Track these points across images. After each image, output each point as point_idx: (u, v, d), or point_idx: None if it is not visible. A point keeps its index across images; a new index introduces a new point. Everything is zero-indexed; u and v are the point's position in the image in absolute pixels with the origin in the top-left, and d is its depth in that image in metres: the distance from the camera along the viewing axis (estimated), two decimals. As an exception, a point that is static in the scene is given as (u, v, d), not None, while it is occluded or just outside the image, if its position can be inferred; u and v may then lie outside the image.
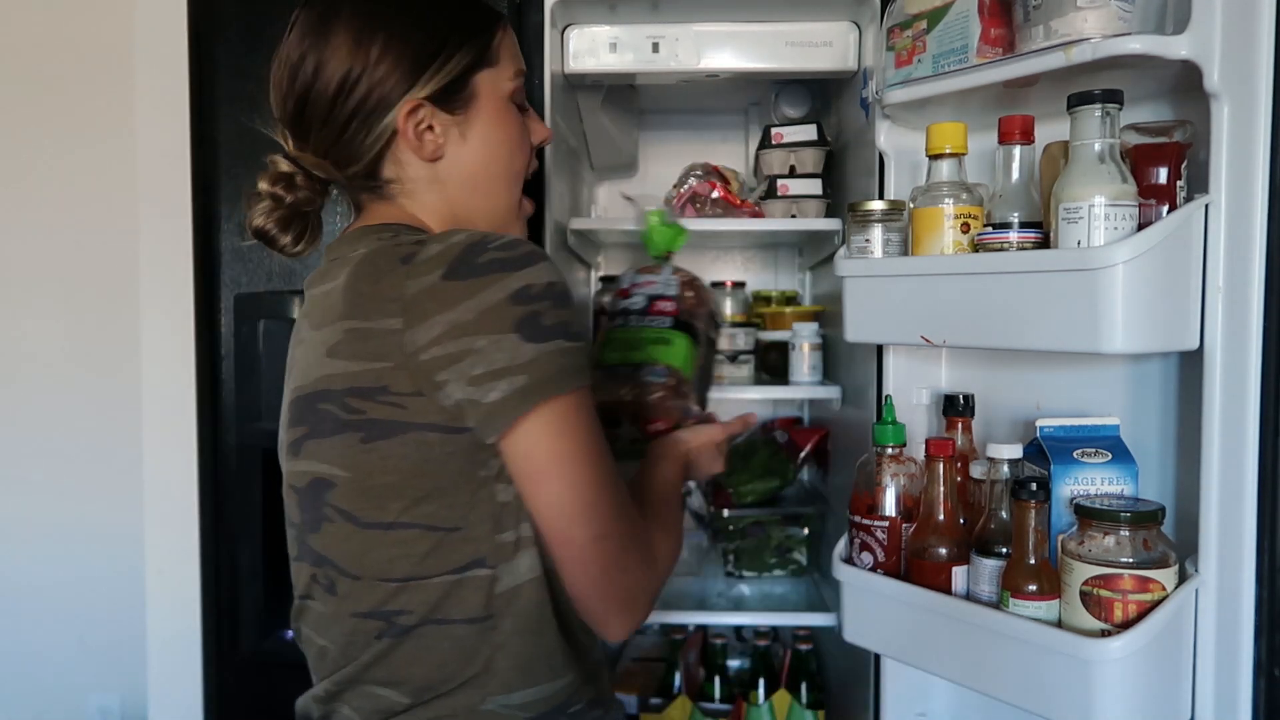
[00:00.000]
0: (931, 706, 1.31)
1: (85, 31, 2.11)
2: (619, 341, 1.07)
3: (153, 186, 1.49)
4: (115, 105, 2.07)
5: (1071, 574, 0.92)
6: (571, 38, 1.49)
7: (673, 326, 1.07)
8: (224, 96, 1.44)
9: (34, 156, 2.13)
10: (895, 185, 1.28)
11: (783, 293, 1.95)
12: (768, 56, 1.49)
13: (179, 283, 1.47)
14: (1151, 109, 1.06)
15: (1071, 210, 0.92)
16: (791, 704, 1.64)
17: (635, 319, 1.09)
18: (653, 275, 1.12)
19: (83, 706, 2.17)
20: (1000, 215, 1.01)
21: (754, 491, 1.78)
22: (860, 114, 1.43)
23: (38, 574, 2.16)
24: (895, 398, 1.19)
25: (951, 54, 1.06)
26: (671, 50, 1.49)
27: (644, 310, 1.09)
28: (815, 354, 1.67)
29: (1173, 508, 1.02)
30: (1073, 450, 0.99)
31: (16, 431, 2.14)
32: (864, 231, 1.13)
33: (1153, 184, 0.95)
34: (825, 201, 1.62)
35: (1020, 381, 1.21)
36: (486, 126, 0.86)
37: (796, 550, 1.77)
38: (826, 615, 1.57)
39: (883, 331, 1.15)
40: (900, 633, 1.09)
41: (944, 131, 1.06)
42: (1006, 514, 0.99)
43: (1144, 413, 1.08)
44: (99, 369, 2.11)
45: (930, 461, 1.05)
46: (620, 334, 1.08)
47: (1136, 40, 0.91)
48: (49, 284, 2.15)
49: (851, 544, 1.14)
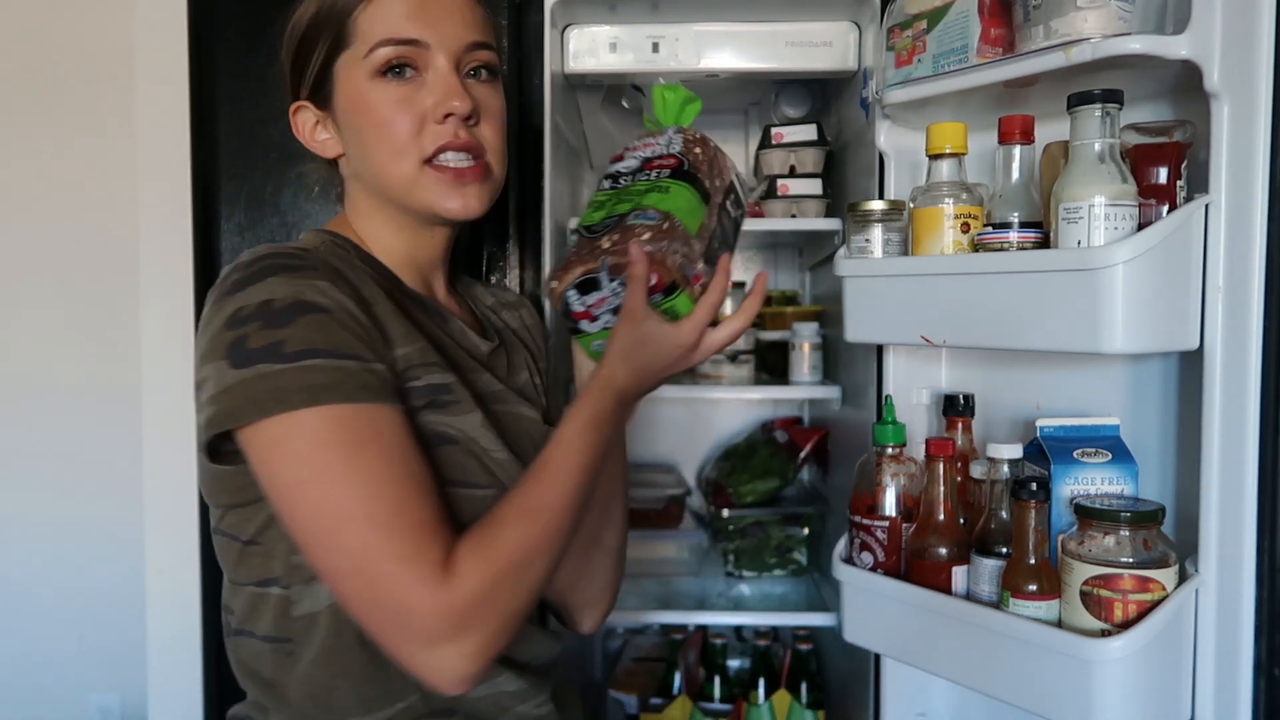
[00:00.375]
0: (931, 706, 1.31)
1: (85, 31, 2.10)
2: (600, 202, 0.91)
3: (153, 186, 1.49)
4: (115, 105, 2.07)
5: (1071, 574, 0.92)
6: (571, 38, 1.49)
7: (672, 176, 0.89)
8: (224, 96, 1.44)
9: (34, 156, 2.13)
10: (895, 185, 1.28)
11: (783, 293, 1.95)
12: (768, 56, 1.49)
13: (179, 283, 1.47)
14: (1151, 109, 1.06)
15: (1071, 210, 0.92)
16: (791, 704, 1.64)
17: (626, 179, 0.92)
18: (651, 138, 0.94)
19: (83, 706, 2.17)
20: (1000, 215, 1.01)
21: (754, 491, 1.78)
22: (860, 114, 1.43)
23: (38, 574, 2.16)
24: (895, 398, 1.19)
25: (951, 54, 1.06)
26: (671, 50, 1.48)
27: (637, 169, 0.92)
28: (815, 354, 1.67)
29: (1173, 508, 1.02)
30: (1073, 450, 0.99)
31: (16, 431, 2.14)
32: (864, 231, 1.13)
33: (1153, 184, 0.95)
34: (825, 201, 1.62)
35: (1020, 381, 1.21)
36: (348, 111, 0.85)
37: (796, 550, 1.77)
38: (826, 615, 1.57)
39: (883, 331, 1.15)
40: (900, 633, 1.09)
41: (944, 131, 1.06)
42: (1006, 514, 0.99)
43: (1144, 413, 1.08)
44: (99, 368, 2.11)
45: (930, 461, 1.05)
46: (602, 195, 0.92)
47: (1136, 40, 0.91)
48: (49, 284, 2.14)
49: (851, 544, 1.14)
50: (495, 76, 0.89)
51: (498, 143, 0.88)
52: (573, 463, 0.78)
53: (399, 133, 0.82)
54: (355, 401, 0.71)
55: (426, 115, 0.83)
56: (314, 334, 0.71)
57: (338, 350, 0.72)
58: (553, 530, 0.76)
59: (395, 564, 0.69)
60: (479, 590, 0.70)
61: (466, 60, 0.85)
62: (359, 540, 0.69)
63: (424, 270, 0.92)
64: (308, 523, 0.70)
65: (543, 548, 0.75)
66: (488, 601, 0.71)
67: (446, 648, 0.69)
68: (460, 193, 0.84)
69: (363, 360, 0.73)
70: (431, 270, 0.93)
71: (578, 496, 0.78)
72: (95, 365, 2.12)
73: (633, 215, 0.86)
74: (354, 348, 0.73)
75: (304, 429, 0.70)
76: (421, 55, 0.83)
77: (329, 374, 0.70)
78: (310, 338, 0.71)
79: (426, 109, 0.83)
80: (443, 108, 0.82)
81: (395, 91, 0.82)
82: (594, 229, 0.88)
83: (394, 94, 0.82)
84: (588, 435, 0.79)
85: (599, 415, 0.81)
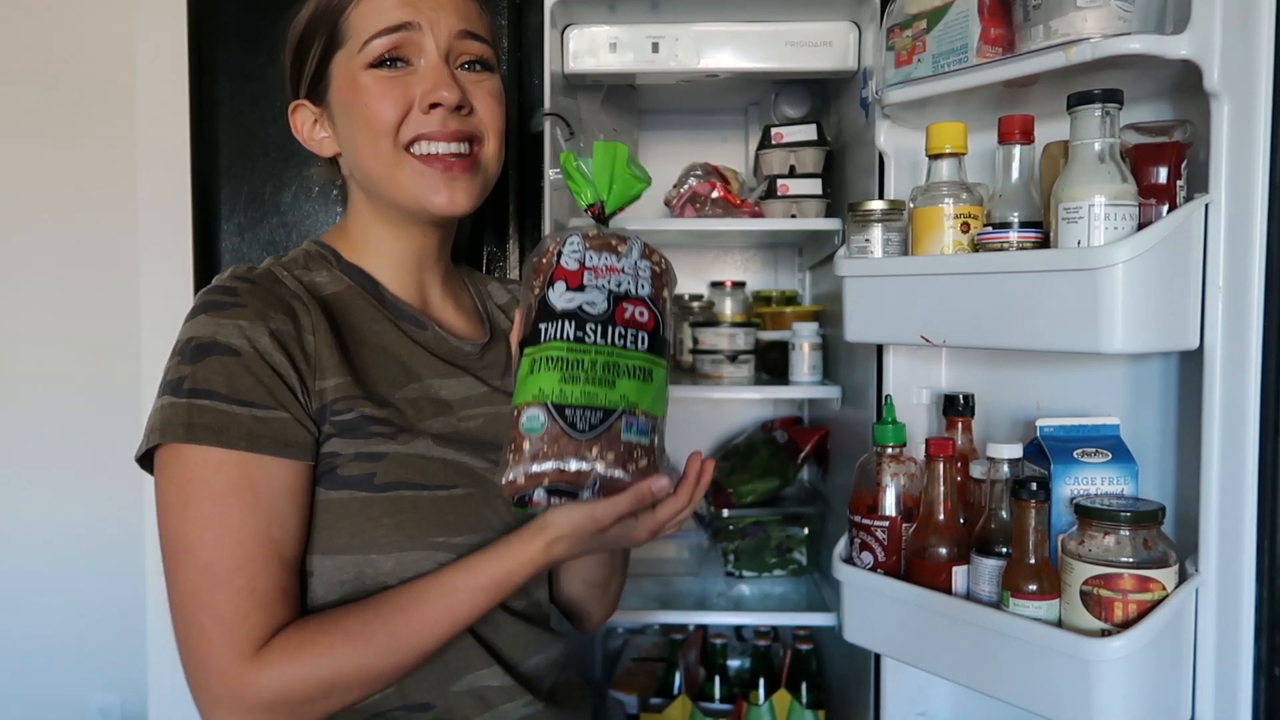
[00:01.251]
0: (931, 706, 1.31)
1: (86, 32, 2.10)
2: (565, 361, 0.72)
3: (153, 187, 1.49)
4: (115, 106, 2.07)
5: (1071, 574, 0.92)
6: (571, 38, 1.49)
7: (650, 349, 0.76)
8: (224, 97, 1.44)
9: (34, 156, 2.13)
10: (895, 185, 1.28)
11: (783, 293, 1.95)
12: (768, 56, 1.49)
13: (179, 283, 1.47)
14: (1151, 109, 1.06)
15: (1071, 210, 0.92)
16: (791, 704, 1.64)
17: (595, 328, 0.74)
18: (612, 256, 0.76)
19: (83, 706, 2.17)
20: (1000, 215, 1.01)
21: (754, 491, 1.78)
22: (860, 114, 1.43)
23: (38, 574, 2.16)
24: (895, 398, 1.19)
25: (951, 54, 1.06)
26: (671, 50, 1.48)
27: (608, 317, 0.74)
28: (815, 354, 1.67)
29: (1173, 508, 1.02)
30: (1073, 450, 0.99)
31: (16, 431, 2.14)
32: (864, 231, 1.13)
33: (1153, 184, 0.95)
34: (825, 201, 1.62)
35: (1020, 381, 1.21)
36: (341, 107, 0.86)
37: (796, 550, 1.77)
38: (826, 615, 1.57)
39: (883, 331, 1.15)
40: (900, 633, 1.09)
41: (944, 131, 1.06)
42: (1006, 514, 0.99)
43: (1144, 413, 1.08)
44: (99, 368, 2.11)
45: (930, 461, 1.05)
46: (563, 349, 0.73)
47: (1136, 40, 0.90)
48: (49, 284, 2.15)
49: (851, 544, 1.14)
50: (491, 71, 0.88)
51: (492, 137, 0.87)
52: (446, 613, 0.76)
53: (383, 118, 0.82)
54: (232, 448, 0.73)
55: (414, 103, 0.83)
56: (214, 376, 0.75)
57: (233, 395, 0.74)
58: (384, 665, 0.75)
59: (211, 621, 0.72)
60: (276, 691, 0.72)
61: (458, 50, 0.85)
62: (190, 583, 0.73)
63: (415, 270, 0.92)
64: (163, 544, 0.75)
65: (365, 677, 0.74)
66: (280, 705, 0.72)
67: (225, 716, 0.72)
68: (448, 186, 0.84)
69: (255, 407, 0.75)
70: (424, 270, 0.92)
71: (432, 642, 0.76)
72: (95, 365, 2.12)
73: (622, 420, 0.72)
74: (252, 394, 0.75)
75: (182, 461, 0.74)
76: (413, 42, 0.83)
77: (215, 416, 0.74)
78: (209, 379, 0.75)
79: (415, 97, 0.83)
80: (430, 96, 0.82)
81: (386, 81, 0.83)
82: (571, 418, 0.71)
83: (384, 83, 0.83)
84: (479, 597, 0.77)
85: (505, 582, 0.77)
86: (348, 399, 0.79)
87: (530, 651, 0.88)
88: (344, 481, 0.78)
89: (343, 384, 0.80)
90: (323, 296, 0.85)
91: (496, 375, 0.92)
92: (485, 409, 0.88)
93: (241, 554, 0.73)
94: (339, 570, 0.78)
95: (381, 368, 0.84)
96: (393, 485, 0.79)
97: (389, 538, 0.78)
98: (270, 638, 0.73)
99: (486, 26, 0.89)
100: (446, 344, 0.90)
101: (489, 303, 1.01)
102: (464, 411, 0.87)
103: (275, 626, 0.73)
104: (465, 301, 0.98)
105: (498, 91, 0.89)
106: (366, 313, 0.86)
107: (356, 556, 0.78)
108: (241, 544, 0.73)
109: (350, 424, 0.79)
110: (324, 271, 0.88)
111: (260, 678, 0.71)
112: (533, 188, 1.39)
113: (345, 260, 0.89)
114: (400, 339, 0.87)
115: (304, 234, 1.45)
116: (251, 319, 0.77)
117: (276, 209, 1.45)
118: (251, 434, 0.74)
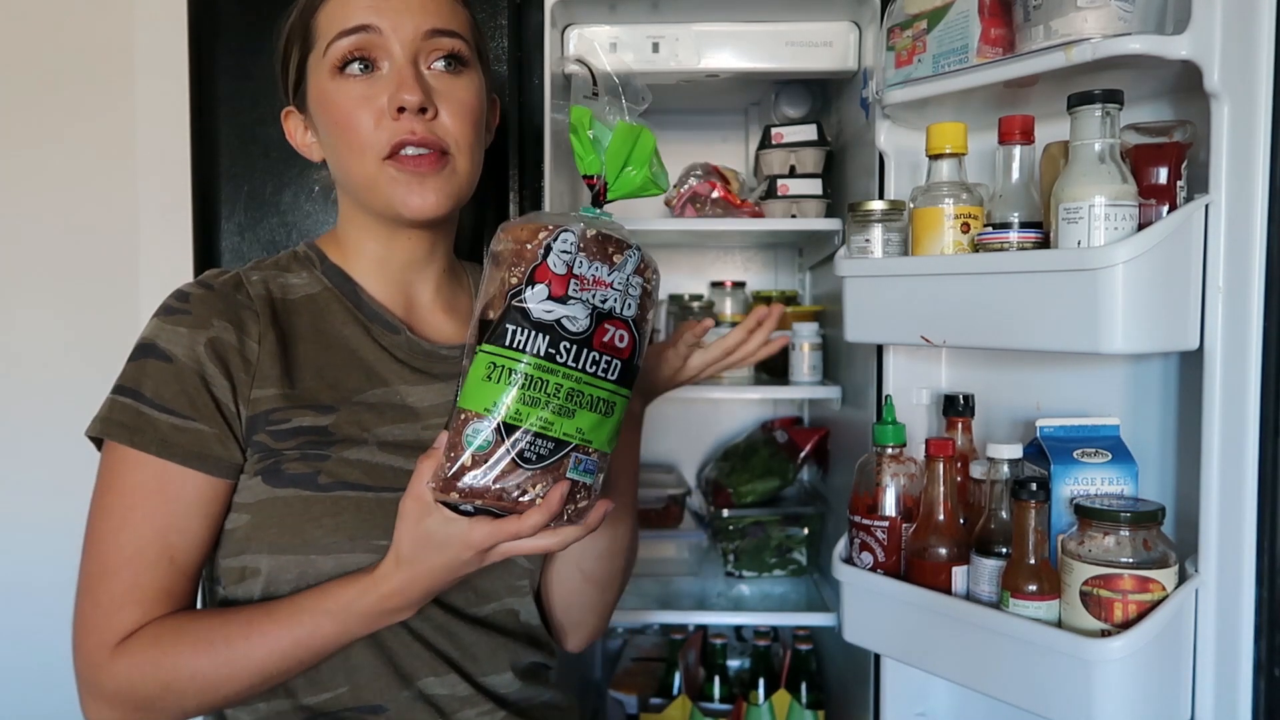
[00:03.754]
0: (931, 706, 1.31)
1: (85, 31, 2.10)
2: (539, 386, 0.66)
3: (153, 186, 1.49)
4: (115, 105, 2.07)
5: (1071, 574, 0.92)
6: (571, 38, 1.49)
7: (619, 379, 0.69)
8: (224, 96, 1.44)
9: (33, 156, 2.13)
10: (895, 185, 1.28)
11: (783, 293, 1.95)
12: (768, 56, 1.49)
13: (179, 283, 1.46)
14: (1151, 109, 1.06)
15: (1071, 210, 0.92)
16: (791, 704, 1.64)
17: (569, 349, 0.67)
18: (605, 267, 0.68)
19: (83, 706, 2.17)
20: (1000, 215, 1.01)
21: (754, 491, 1.78)
22: (860, 114, 1.43)
23: (38, 574, 2.16)
24: (895, 398, 1.19)
25: (951, 54, 1.06)
26: (671, 50, 1.49)
27: (586, 337, 0.67)
28: (815, 354, 1.67)
29: (1173, 508, 1.02)
30: (1073, 450, 0.99)
31: (16, 431, 2.14)
32: (864, 231, 1.13)
33: (1153, 184, 0.95)
34: (825, 201, 1.62)
35: (1020, 381, 1.21)
36: (317, 112, 0.85)
37: (796, 550, 1.77)
38: (826, 615, 1.57)
39: (883, 331, 1.15)
40: (900, 633, 1.09)
41: (944, 131, 1.06)
42: (1006, 514, 0.99)
43: (1144, 413, 1.08)
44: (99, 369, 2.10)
45: (930, 461, 1.05)
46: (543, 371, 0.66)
47: (1136, 40, 0.90)
48: (48, 283, 2.14)
49: (851, 544, 1.14)
50: (464, 66, 0.84)
51: (462, 135, 0.83)
52: (287, 633, 0.74)
53: (358, 129, 0.80)
54: (144, 451, 0.76)
55: (383, 110, 0.80)
56: (143, 378, 0.78)
57: (156, 400, 0.77)
58: (220, 677, 0.74)
59: (91, 606, 0.76)
60: (121, 683, 0.75)
61: (427, 49, 0.82)
62: (86, 566, 0.77)
63: (399, 274, 0.90)
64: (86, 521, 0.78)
65: (199, 685, 0.74)
66: (122, 697, 0.75)
67: (86, 697, 0.77)
68: (419, 188, 0.81)
69: (175, 416, 0.77)
70: (410, 273, 0.90)
71: (271, 662, 0.75)
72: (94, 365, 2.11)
73: (571, 457, 0.67)
74: (175, 402, 0.77)
75: (109, 455, 0.79)
76: (377, 45, 0.80)
77: (134, 417, 0.77)
78: (138, 380, 0.78)
79: (383, 104, 0.80)
80: (394, 101, 0.79)
81: (354, 88, 0.81)
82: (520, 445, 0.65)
83: (352, 91, 0.81)
84: (321, 622, 0.74)
85: (346, 610, 0.74)
86: (284, 409, 0.79)
87: (495, 662, 0.85)
88: (289, 479, 0.78)
89: (280, 394, 0.80)
90: (293, 299, 0.85)
91: None
92: None
93: (131, 549, 0.76)
94: (283, 570, 0.78)
95: (344, 371, 0.83)
96: (336, 485, 0.78)
97: (329, 538, 0.77)
98: None
99: (461, 20, 0.85)
100: (419, 348, 0.88)
101: None
102: (431, 420, 0.85)
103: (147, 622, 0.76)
104: (462, 303, 0.96)
105: (473, 89, 0.84)
106: (338, 315, 0.86)
107: (299, 556, 0.77)
108: (133, 540, 0.76)
109: (287, 433, 0.79)
110: (304, 273, 0.88)
111: (113, 667, 0.75)
112: (533, 188, 1.39)
113: (329, 261, 0.89)
114: (368, 343, 0.86)
115: (304, 234, 1.45)
116: (192, 327, 0.79)
117: (276, 209, 1.45)
118: (165, 441, 0.76)
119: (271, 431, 0.79)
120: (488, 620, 0.86)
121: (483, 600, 0.86)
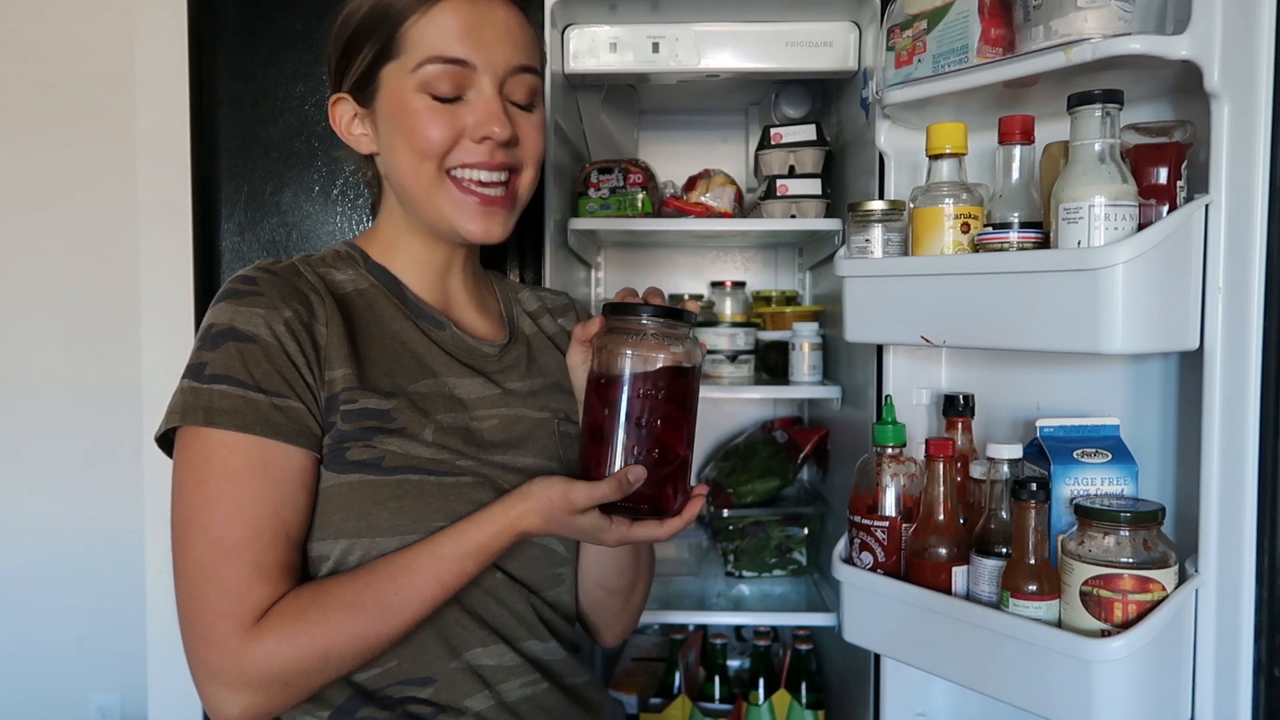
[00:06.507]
0: (931, 706, 1.31)
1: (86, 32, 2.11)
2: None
3: (153, 187, 1.49)
4: (115, 106, 2.07)
5: (1071, 574, 0.92)
6: (571, 38, 1.49)
7: None
8: (224, 97, 1.44)
9: (34, 156, 2.13)
10: (895, 185, 1.28)
11: (783, 293, 1.95)
12: (768, 56, 1.49)
13: (179, 283, 1.47)
14: (1151, 109, 1.06)
15: (1071, 210, 0.92)
16: (791, 704, 1.64)
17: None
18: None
19: (83, 706, 2.17)
20: (1000, 215, 1.01)
21: (754, 491, 1.78)
22: (860, 114, 1.43)
23: (37, 573, 2.16)
24: (895, 398, 1.19)
25: (951, 54, 1.06)
26: (671, 50, 1.49)
27: None
28: (815, 354, 1.67)
29: (1173, 508, 1.02)
30: (1073, 450, 0.99)
31: (17, 431, 2.14)
32: (864, 231, 1.13)
33: (1153, 184, 0.95)
34: (825, 201, 1.62)
35: (1020, 381, 1.21)
36: (387, 118, 0.87)
37: (796, 550, 1.77)
38: (826, 615, 1.57)
39: (883, 331, 1.15)
40: (900, 633, 1.09)
41: (944, 131, 1.06)
42: (1006, 514, 0.99)
43: (1144, 413, 1.08)
44: (99, 369, 2.11)
45: (930, 461, 1.05)
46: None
47: (1136, 40, 0.91)
48: (49, 284, 2.15)
49: (851, 544, 1.14)
50: (538, 105, 0.91)
51: (532, 171, 0.90)
52: (435, 580, 0.78)
53: (431, 141, 0.84)
54: (249, 432, 0.76)
55: (464, 133, 0.85)
56: (232, 362, 0.78)
57: (249, 382, 0.77)
58: (376, 632, 0.77)
59: (216, 592, 0.74)
60: (271, 661, 0.74)
61: (511, 84, 0.87)
62: (199, 555, 0.75)
63: (439, 275, 0.94)
64: (174, 521, 0.77)
65: (359, 646, 0.76)
66: (276, 675, 0.74)
67: (222, 689, 0.74)
68: (485, 218, 0.87)
69: (273, 395, 0.78)
70: (449, 274, 0.95)
71: (422, 609, 0.79)
72: (95, 365, 2.12)
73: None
74: (268, 381, 0.78)
75: (199, 443, 0.77)
76: (467, 76, 0.84)
77: (233, 401, 0.77)
78: (228, 365, 0.78)
79: (465, 126, 0.85)
80: (481, 129, 0.84)
81: (438, 107, 0.84)
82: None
83: (436, 108, 0.84)
84: (466, 563, 0.79)
85: (487, 547, 0.80)
86: (352, 390, 0.81)
87: (540, 631, 0.89)
88: (353, 465, 0.80)
89: (349, 375, 0.82)
90: (343, 294, 0.88)
91: (513, 377, 0.94)
92: (500, 410, 0.90)
93: (250, 530, 0.75)
94: (348, 554, 0.80)
95: (398, 361, 0.86)
96: (400, 469, 0.81)
97: (393, 521, 0.80)
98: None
99: (538, 55, 0.91)
100: (464, 344, 0.92)
101: (515, 308, 1.03)
102: (478, 411, 0.89)
103: (274, 600, 0.76)
104: (490, 305, 1.01)
105: (541, 124, 0.91)
106: (387, 310, 0.89)
107: (363, 540, 0.80)
108: (251, 521, 0.76)
109: (355, 414, 0.81)
110: (349, 270, 0.91)
111: (253, 652, 0.73)
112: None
113: (372, 260, 0.92)
114: (418, 336, 0.89)
115: (304, 234, 1.45)
116: (268, 308, 0.80)
117: (276, 209, 1.45)
118: (268, 420, 0.77)
119: (343, 412, 0.81)
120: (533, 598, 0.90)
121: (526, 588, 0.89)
